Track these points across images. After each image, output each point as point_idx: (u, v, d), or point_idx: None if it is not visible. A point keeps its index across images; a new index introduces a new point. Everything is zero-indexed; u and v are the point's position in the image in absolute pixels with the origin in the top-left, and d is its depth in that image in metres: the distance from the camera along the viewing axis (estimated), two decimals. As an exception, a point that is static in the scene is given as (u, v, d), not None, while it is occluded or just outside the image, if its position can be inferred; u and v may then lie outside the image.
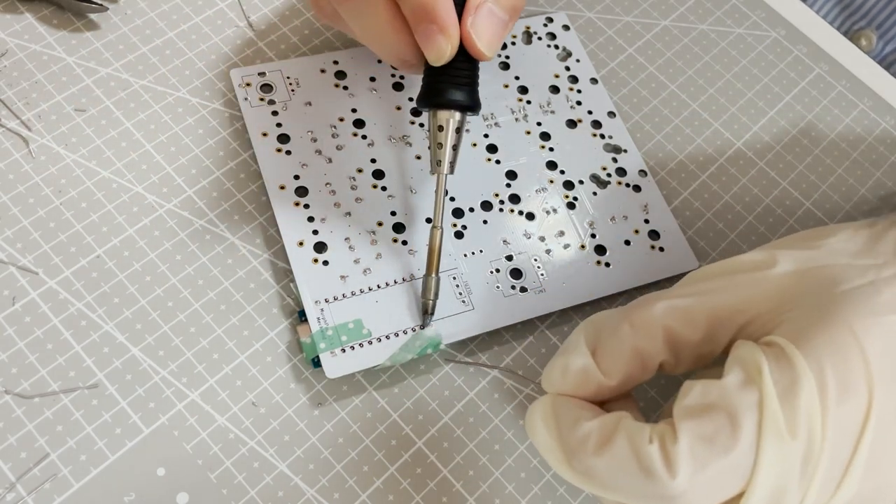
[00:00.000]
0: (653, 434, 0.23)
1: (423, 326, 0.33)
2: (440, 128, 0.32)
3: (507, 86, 0.40)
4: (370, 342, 0.32)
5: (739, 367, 0.23)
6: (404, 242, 0.35)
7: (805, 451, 0.22)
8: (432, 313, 0.33)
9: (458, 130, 0.32)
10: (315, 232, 0.34)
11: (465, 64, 0.31)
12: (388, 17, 0.30)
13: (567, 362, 0.25)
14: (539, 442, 0.25)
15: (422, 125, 0.38)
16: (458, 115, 0.32)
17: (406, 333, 0.33)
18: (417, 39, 0.30)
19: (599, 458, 0.23)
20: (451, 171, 0.33)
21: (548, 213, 0.37)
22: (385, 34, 0.31)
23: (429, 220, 0.35)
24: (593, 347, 0.26)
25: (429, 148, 0.34)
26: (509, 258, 0.35)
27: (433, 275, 0.32)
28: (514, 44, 0.41)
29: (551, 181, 0.37)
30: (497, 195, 0.37)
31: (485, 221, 0.36)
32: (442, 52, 0.30)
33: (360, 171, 0.36)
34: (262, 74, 0.38)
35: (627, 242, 0.36)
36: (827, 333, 0.23)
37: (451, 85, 0.32)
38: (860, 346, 0.23)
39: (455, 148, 0.32)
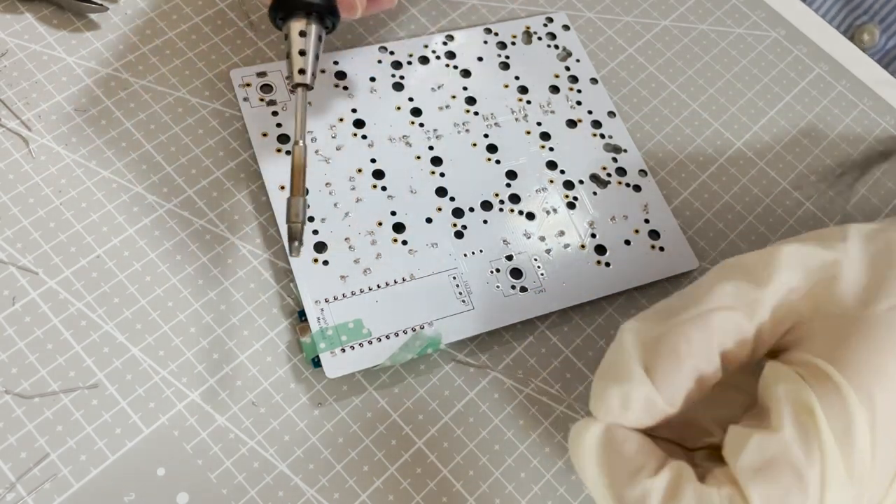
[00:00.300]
0: (722, 500, 0.22)
1: (291, 254, 0.29)
2: (286, 36, 0.31)
3: (507, 86, 0.40)
4: (370, 342, 0.32)
5: (791, 411, 0.22)
6: (404, 242, 0.35)
7: (858, 490, 0.22)
8: (300, 241, 0.29)
9: (303, 34, 0.31)
10: (315, 232, 0.34)
11: None
12: None
13: (628, 392, 0.23)
14: (588, 479, 0.24)
15: (422, 125, 0.38)
16: (304, 19, 0.31)
17: (406, 333, 0.33)
18: None
19: None
20: (309, 82, 0.31)
21: (548, 213, 0.37)
22: None
23: (429, 220, 0.35)
24: (646, 368, 0.23)
25: (287, 58, 0.32)
26: (509, 258, 0.35)
27: (299, 196, 0.29)
28: (514, 44, 0.41)
29: (551, 181, 0.37)
30: (497, 195, 0.37)
31: (485, 221, 0.36)
32: None
33: (359, 171, 0.36)
34: (261, 74, 0.38)
35: (627, 242, 0.36)
36: (873, 359, 0.23)
37: None
38: None
39: (303, 53, 0.31)
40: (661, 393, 0.23)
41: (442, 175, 0.37)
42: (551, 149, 0.38)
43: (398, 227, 0.35)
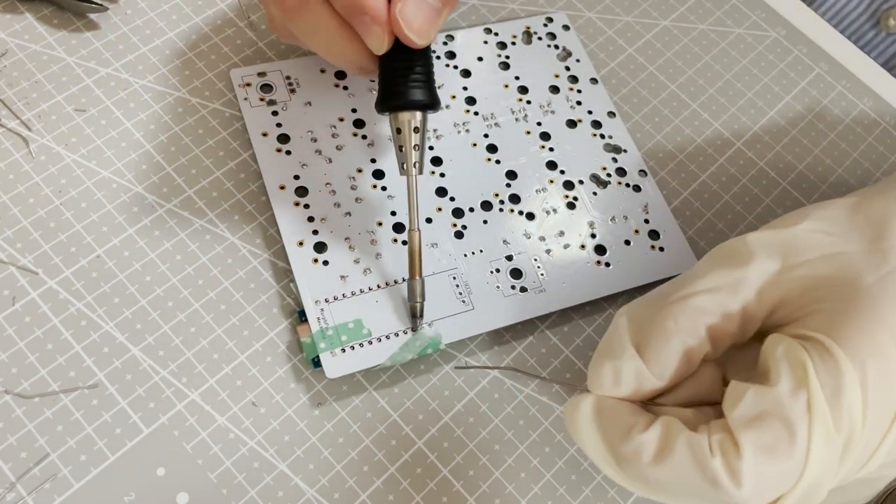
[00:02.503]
0: (713, 445, 0.23)
1: (414, 329, 0.33)
2: (398, 130, 0.32)
3: (507, 86, 0.40)
4: (370, 342, 0.32)
5: (788, 370, 0.24)
6: (404, 242, 0.35)
7: (845, 444, 0.23)
8: (422, 316, 0.33)
9: (417, 130, 0.32)
10: (315, 232, 0.34)
11: (415, 62, 0.31)
12: (335, 24, 0.31)
13: (619, 367, 0.25)
14: (587, 447, 0.25)
15: (422, 125, 0.38)
16: (416, 115, 0.32)
17: (406, 333, 0.33)
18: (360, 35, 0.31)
19: (657, 468, 0.23)
20: (420, 171, 0.32)
21: (548, 213, 0.37)
22: (335, 42, 0.31)
23: (429, 220, 0.35)
24: (637, 345, 0.25)
25: (400, 150, 0.33)
26: (509, 258, 0.35)
27: (417, 277, 0.32)
28: (514, 44, 0.41)
29: (551, 181, 0.37)
30: (497, 195, 0.37)
31: (485, 221, 0.36)
32: (379, 40, 0.30)
33: (359, 171, 0.36)
34: (262, 74, 0.38)
35: (627, 242, 0.36)
36: (866, 331, 0.24)
37: (405, 85, 0.31)
38: (895, 339, 0.24)
39: (417, 148, 0.32)
40: (650, 367, 0.25)
41: (442, 175, 0.37)
42: (551, 149, 0.38)
43: (398, 227, 0.35)
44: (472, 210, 0.36)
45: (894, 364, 0.24)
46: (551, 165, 0.38)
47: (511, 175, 0.37)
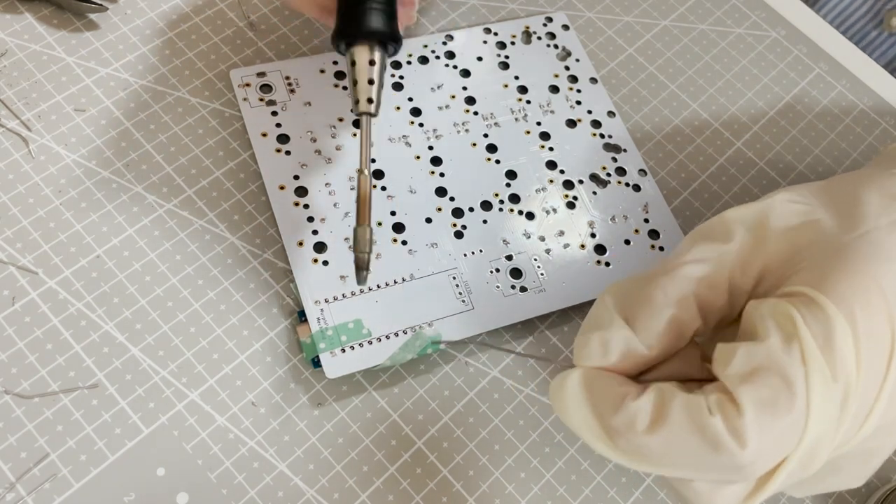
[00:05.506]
0: (711, 405, 0.22)
1: (359, 283, 0.30)
2: (353, 63, 0.30)
3: (506, 86, 0.40)
4: (370, 342, 0.32)
5: (774, 323, 0.23)
6: (404, 242, 0.35)
7: (843, 394, 0.22)
8: (368, 269, 0.30)
9: (373, 63, 0.30)
10: (315, 232, 0.34)
11: None
12: None
13: (607, 337, 0.24)
14: (574, 421, 0.24)
15: (421, 125, 0.38)
16: (374, 46, 0.30)
17: (406, 333, 0.33)
18: None
19: (653, 436, 0.22)
20: (375, 111, 0.30)
21: (548, 212, 0.37)
22: None
23: (429, 220, 0.35)
24: (625, 318, 0.24)
25: (354, 85, 0.31)
26: (509, 258, 0.35)
27: (366, 225, 0.30)
28: (513, 44, 0.41)
29: (551, 181, 0.37)
30: (497, 195, 0.37)
31: (485, 221, 0.36)
32: None
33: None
34: (261, 74, 0.38)
35: (627, 242, 0.36)
36: (850, 279, 0.24)
37: (360, 14, 0.30)
38: (881, 289, 0.23)
39: (372, 82, 0.30)
40: (639, 337, 0.24)
41: (442, 175, 0.37)
42: (551, 149, 0.38)
43: (398, 227, 0.35)
44: (471, 210, 0.36)
45: (882, 311, 0.23)
46: (551, 165, 0.38)
47: (511, 175, 0.37)
